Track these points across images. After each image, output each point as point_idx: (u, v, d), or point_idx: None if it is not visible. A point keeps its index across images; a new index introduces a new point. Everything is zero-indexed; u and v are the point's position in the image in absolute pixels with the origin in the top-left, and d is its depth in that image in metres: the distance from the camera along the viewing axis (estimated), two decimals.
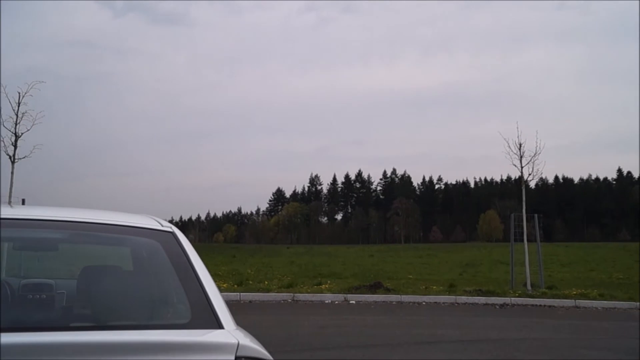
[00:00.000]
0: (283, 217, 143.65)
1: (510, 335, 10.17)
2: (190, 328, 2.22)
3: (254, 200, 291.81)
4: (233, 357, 1.97)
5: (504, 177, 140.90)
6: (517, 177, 27.71)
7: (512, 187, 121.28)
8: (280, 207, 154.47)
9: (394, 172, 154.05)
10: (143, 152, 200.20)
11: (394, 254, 42.40)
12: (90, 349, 1.89)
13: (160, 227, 2.83)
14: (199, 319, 2.28)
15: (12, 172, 14.32)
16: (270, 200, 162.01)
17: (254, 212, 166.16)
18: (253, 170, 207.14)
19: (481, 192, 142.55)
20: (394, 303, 14.34)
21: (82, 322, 2.48)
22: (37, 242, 3.35)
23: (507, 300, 14.65)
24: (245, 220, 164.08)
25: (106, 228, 2.86)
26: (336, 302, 14.25)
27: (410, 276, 20.87)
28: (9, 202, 12.98)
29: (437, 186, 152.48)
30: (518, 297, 14.96)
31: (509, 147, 16.90)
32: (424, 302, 14.54)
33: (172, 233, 2.79)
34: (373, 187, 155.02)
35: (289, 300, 14.26)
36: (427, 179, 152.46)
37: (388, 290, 15.36)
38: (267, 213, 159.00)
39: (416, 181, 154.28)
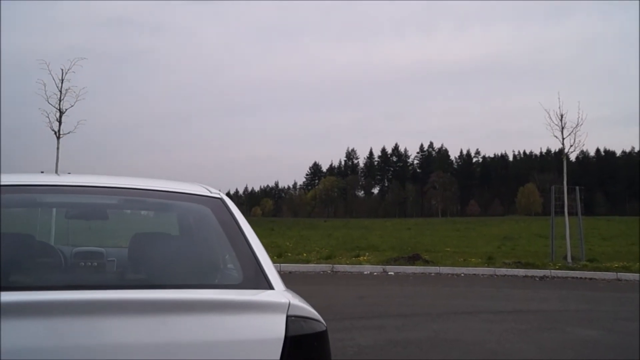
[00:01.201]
0: (320, 191, 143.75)
1: (551, 306, 10.13)
2: (241, 289, 2.27)
3: (290, 174, 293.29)
4: (284, 316, 1.98)
5: (543, 150, 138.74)
6: (557, 149, 27.21)
7: (551, 160, 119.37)
8: (317, 181, 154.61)
9: (431, 145, 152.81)
10: (181, 128, 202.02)
11: (431, 228, 42.25)
12: (145, 306, 1.90)
13: (209, 194, 2.90)
14: (250, 280, 2.32)
15: (57, 148, 14.63)
16: (307, 175, 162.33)
17: (291, 186, 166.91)
18: (289, 144, 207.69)
19: (520, 165, 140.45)
20: (432, 274, 14.37)
21: (135, 284, 2.56)
22: (88, 210, 3.45)
23: (547, 272, 14.55)
24: (283, 195, 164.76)
25: (157, 194, 2.94)
26: (375, 274, 14.33)
27: (448, 249, 20.82)
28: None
29: (474, 159, 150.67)
30: (558, 269, 14.84)
31: (550, 118, 16.65)
32: (463, 273, 14.53)
33: (221, 199, 2.86)
34: (410, 160, 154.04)
35: (328, 272, 14.40)
36: (464, 152, 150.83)
37: (426, 262, 15.38)
38: (304, 187, 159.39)
39: (453, 154, 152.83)
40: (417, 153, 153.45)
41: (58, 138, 14.61)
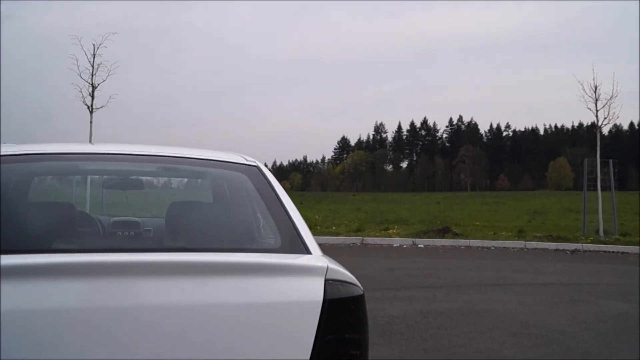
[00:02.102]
0: (348, 165, 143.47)
1: (583, 279, 10.08)
2: (280, 253, 2.30)
3: (319, 148, 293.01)
4: (323, 280, 2.00)
5: (575, 124, 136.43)
6: (589, 123, 26.72)
7: (583, 134, 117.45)
8: (345, 155, 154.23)
9: (460, 119, 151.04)
10: (210, 103, 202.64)
11: (460, 202, 42.02)
12: (185, 268, 1.92)
13: (245, 162, 2.93)
14: (288, 245, 2.36)
15: (90, 122, 14.83)
16: (335, 149, 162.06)
17: (319, 161, 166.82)
18: (318, 118, 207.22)
19: (551, 139, 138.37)
20: (462, 247, 14.34)
21: (174, 249, 2.58)
22: (124, 179, 3.51)
23: (578, 246, 14.44)
24: (311, 169, 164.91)
25: (194, 162, 2.98)
26: (404, 246, 14.35)
27: (477, 223, 20.72)
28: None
29: (504, 133, 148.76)
30: (590, 243, 14.71)
31: (584, 90, 16.37)
32: (493, 246, 14.48)
33: (257, 167, 2.90)
34: (439, 134, 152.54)
35: (358, 244, 14.46)
36: (494, 126, 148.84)
37: (456, 235, 15.35)
38: (332, 161, 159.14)
39: (483, 128, 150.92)
40: (446, 127, 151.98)
41: (91, 112, 14.81)
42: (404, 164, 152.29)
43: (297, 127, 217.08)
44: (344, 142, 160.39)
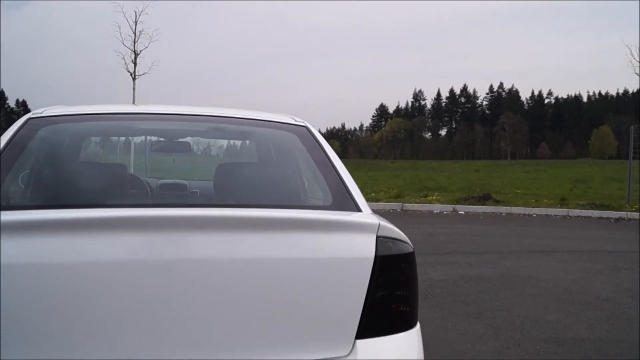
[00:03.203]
0: (386, 132, 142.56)
1: (627, 247, 9.91)
2: (331, 210, 2.31)
3: (357, 116, 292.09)
4: (374, 237, 2.00)
5: (620, 91, 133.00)
6: (635, 90, 25.96)
7: (628, 102, 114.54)
8: (383, 122, 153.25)
9: (500, 86, 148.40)
10: (249, 71, 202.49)
11: (500, 170, 41.48)
12: (237, 222, 1.92)
13: (294, 122, 2.94)
14: (339, 203, 2.36)
15: (133, 88, 15.02)
16: (373, 116, 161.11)
17: (357, 128, 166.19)
18: (356, 86, 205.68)
19: (594, 106, 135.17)
20: (503, 214, 14.22)
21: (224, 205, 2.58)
22: (172, 139, 3.54)
23: (622, 214, 14.18)
24: (349, 136, 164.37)
25: (244, 122, 2.99)
26: (445, 213, 14.29)
27: (518, 191, 20.46)
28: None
29: (546, 100, 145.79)
30: (635, 211, 14.42)
31: (631, 54, 15.92)
32: (535, 214, 14.32)
33: (306, 127, 2.90)
34: (478, 102, 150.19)
35: (398, 210, 14.44)
36: (536, 93, 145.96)
37: (497, 202, 15.21)
38: (371, 129, 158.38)
39: (524, 95, 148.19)
40: (487, 94, 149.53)
41: (134, 79, 15.00)
42: (443, 132, 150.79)
43: (336, 94, 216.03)
44: (382, 109, 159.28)
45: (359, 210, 2.32)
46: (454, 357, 4.37)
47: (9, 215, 1.90)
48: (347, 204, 2.35)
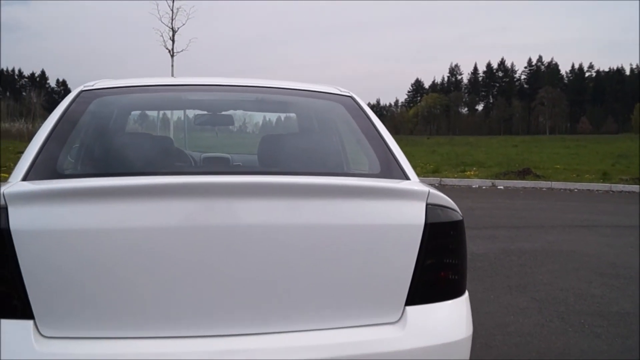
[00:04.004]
0: (422, 108, 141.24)
1: None
2: (380, 178, 2.30)
3: (392, 91, 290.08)
4: (424, 204, 2.00)
5: None
6: None
7: None
8: (419, 98, 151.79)
9: (539, 59, 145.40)
10: (285, 48, 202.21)
11: (539, 145, 40.90)
12: (291, 190, 1.92)
13: (340, 92, 2.93)
14: (388, 171, 2.35)
15: (172, 65, 15.13)
16: (408, 92, 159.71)
17: (393, 104, 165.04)
18: (391, 61, 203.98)
19: (637, 79, 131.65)
20: (543, 189, 14.04)
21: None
22: (216, 111, 3.56)
23: None
24: (384, 112, 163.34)
25: (290, 92, 3.00)
26: (483, 187, 14.17)
27: (558, 166, 20.16)
28: None
29: (587, 74, 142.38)
30: None
31: None
32: (576, 189, 14.10)
33: (352, 97, 2.89)
34: (516, 76, 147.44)
35: (436, 185, 14.34)
36: (576, 66, 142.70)
37: (537, 177, 15.01)
38: (406, 104, 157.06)
39: (564, 69, 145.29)
40: (525, 68, 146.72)
41: (172, 56, 15.08)
42: (480, 107, 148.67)
43: (370, 70, 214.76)
44: (417, 84, 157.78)
45: (407, 178, 2.31)
46: (497, 329, 4.36)
47: (66, 183, 1.94)
48: (396, 172, 2.35)
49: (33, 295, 1.77)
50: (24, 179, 2.04)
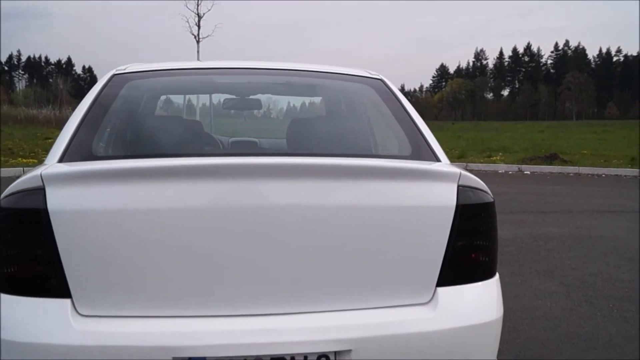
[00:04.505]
0: (447, 93, 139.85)
1: None
2: (411, 160, 2.30)
3: (416, 77, 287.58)
4: (455, 186, 2.00)
5: None
6: None
7: None
8: (443, 83, 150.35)
9: (566, 44, 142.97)
10: (307, 32, 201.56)
11: (566, 130, 40.36)
12: (320, 171, 1.92)
13: (370, 75, 2.94)
14: (419, 153, 2.36)
15: (197, 51, 15.18)
16: (433, 77, 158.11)
17: (417, 89, 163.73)
18: (416, 46, 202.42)
19: None
20: (571, 175, 13.90)
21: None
22: (243, 99, 3.58)
23: None
24: (409, 97, 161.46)
25: (320, 75, 3.00)
26: (510, 172, 14.07)
27: (585, 151, 19.90)
28: None
29: (615, 58, 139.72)
30: None
31: None
32: (604, 174, 13.94)
33: (381, 79, 2.90)
34: (543, 60, 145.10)
35: None
36: (603, 50, 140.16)
37: (564, 162, 14.87)
38: (431, 90, 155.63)
39: (591, 53, 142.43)
40: (551, 52, 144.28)
41: (198, 42, 15.13)
42: (505, 92, 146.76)
43: (394, 55, 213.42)
44: (442, 69, 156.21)
45: (438, 160, 2.32)
46: (525, 313, 4.35)
47: (101, 164, 1.97)
48: (427, 154, 2.36)
49: (70, 274, 1.81)
50: (60, 160, 2.08)
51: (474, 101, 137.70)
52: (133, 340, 1.79)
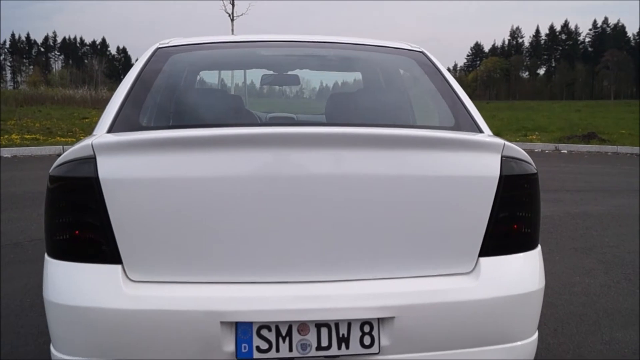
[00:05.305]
0: (481, 72, 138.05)
1: None
2: (455, 131, 2.31)
3: (451, 56, 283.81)
4: (499, 156, 2.01)
5: None
6: None
7: None
8: (478, 62, 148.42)
9: (605, 21, 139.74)
10: (340, 11, 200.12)
11: (604, 109, 39.56)
12: (367, 140, 1.93)
13: (411, 48, 2.94)
14: (462, 124, 2.38)
15: (232, 30, 15.18)
16: (467, 56, 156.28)
17: (452, 68, 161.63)
18: (450, 25, 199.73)
19: None
20: (609, 154, 13.68)
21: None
22: (282, 74, 3.60)
23: None
24: None
25: (362, 47, 3.01)
26: (546, 151, 13.90)
27: (623, 131, 19.50)
28: None
29: None
30: None
31: None
32: None
33: (423, 52, 2.90)
34: (580, 38, 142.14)
35: None
36: None
37: (603, 141, 14.64)
38: (465, 69, 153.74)
39: (631, 31, 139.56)
40: (589, 30, 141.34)
41: (232, 20, 15.13)
42: (541, 71, 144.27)
43: (429, 33, 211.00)
44: (477, 48, 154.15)
45: (480, 131, 2.33)
46: (563, 289, 4.34)
47: (149, 134, 2.03)
48: (470, 125, 2.37)
49: (121, 241, 1.87)
50: (109, 131, 2.14)
51: (509, 80, 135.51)
52: (181, 305, 1.85)
